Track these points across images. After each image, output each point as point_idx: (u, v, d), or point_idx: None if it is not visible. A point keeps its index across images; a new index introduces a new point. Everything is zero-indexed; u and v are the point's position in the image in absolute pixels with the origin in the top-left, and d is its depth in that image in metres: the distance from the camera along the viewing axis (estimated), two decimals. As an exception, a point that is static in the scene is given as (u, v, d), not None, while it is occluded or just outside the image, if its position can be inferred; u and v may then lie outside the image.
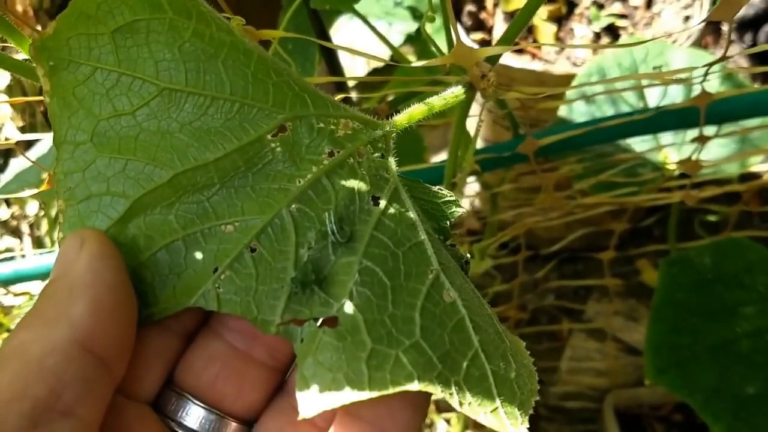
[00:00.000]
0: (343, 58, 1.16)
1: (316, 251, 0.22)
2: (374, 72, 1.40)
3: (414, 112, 0.28)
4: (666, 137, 0.73)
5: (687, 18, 0.95)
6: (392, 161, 0.25)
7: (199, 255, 0.22)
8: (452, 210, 0.26)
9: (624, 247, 1.07)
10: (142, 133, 0.22)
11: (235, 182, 0.22)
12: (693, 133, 0.62)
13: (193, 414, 0.23)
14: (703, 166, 0.59)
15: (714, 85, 0.73)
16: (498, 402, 0.22)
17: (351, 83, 1.02)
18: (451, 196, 0.25)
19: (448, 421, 0.97)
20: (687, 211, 1.09)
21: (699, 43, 0.93)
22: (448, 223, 0.26)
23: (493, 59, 0.35)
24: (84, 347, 0.20)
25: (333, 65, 0.58)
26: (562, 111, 0.79)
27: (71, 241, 0.22)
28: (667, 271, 0.59)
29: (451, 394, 0.21)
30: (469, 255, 0.26)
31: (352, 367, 0.21)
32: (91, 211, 0.22)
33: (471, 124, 0.44)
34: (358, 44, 1.27)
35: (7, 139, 0.42)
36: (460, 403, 0.22)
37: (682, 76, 0.55)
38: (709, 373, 0.55)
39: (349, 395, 0.20)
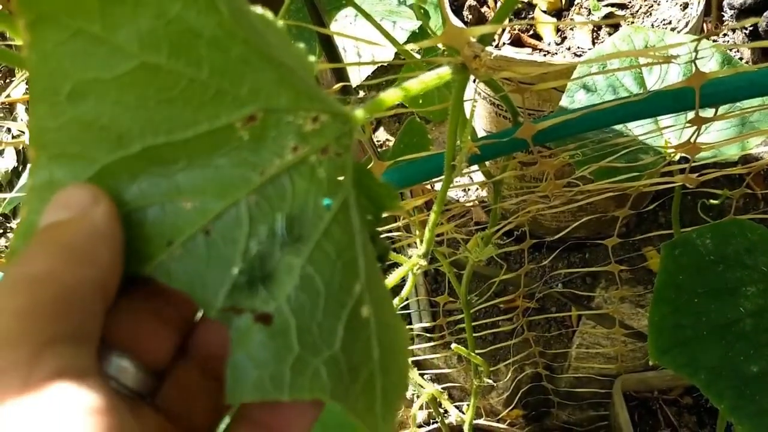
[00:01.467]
0: (348, 57, 1.17)
1: (265, 247, 0.22)
2: (379, 71, 1.40)
3: (386, 97, 0.28)
4: (666, 122, 0.74)
5: (685, 5, 0.95)
6: (350, 159, 0.24)
7: (157, 226, 0.23)
8: (392, 203, 0.26)
9: (631, 234, 1.08)
10: (117, 103, 0.22)
11: (201, 163, 0.22)
12: (691, 116, 0.63)
13: (123, 369, 0.23)
14: (701, 149, 0.60)
15: (712, 68, 0.74)
16: (378, 412, 0.23)
17: (355, 83, 1.03)
18: (395, 192, 0.26)
19: (459, 408, 0.98)
20: (693, 198, 1.10)
21: (699, 32, 0.93)
22: (382, 214, 0.26)
23: (486, 40, 0.36)
24: (102, 293, 0.22)
25: (334, 61, 0.59)
26: (564, 101, 0.80)
27: (83, 191, 0.22)
28: (669, 253, 0.60)
29: (349, 405, 0.23)
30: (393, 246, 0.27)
31: (277, 369, 0.21)
32: (60, 170, 0.22)
33: (476, 118, 0.45)
34: (363, 44, 1.28)
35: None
36: (355, 413, 0.23)
37: (675, 52, 0.55)
38: (713, 353, 0.55)
39: (269, 394, 0.21)
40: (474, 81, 1.03)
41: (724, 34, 1.36)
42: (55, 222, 0.22)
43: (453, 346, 0.83)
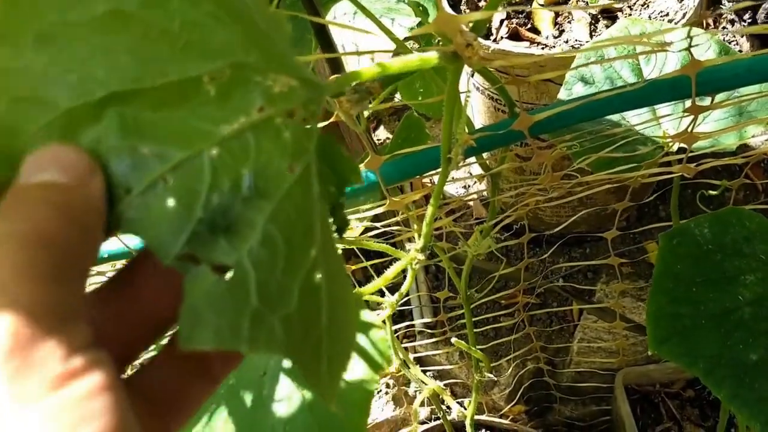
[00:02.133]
0: (349, 60, 1.17)
1: (227, 200, 0.22)
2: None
3: (363, 72, 0.28)
4: (664, 111, 0.74)
5: (683, -4, 0.95)
6: (316, 127, 0.25)
7: (117, 175, 0.22)
8: (354, 177, 0.26)
9: (631, 228, 1.08)
10: (85, 47, 0.22)
11: (166, 114, 0.22)
12: (688, 105, 0.62)
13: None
14: (698, 138, 0.60)
15: (710, 58, 0.74)
16: (324, 376, 0.24)
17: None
18: (357, 167, 0.26)
19: (461, 404, 0.98)
20: (693, 192, 1.09)
21: (697, 23, 0.93)
22: (345, 186, 0.27)
23: (479, 28, 0.36)
24: (86, 269, 0.22)
25: (330, 53, 0.59)
26: (562, 94, 0.80)
27: (81, 157, 0.22)
28: (667, 243, 0.59)
29: (301, 364, 0.23)
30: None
31: (235, 320, 0.21)
32: (19, 112, 0.22)
33: (474, 113, 0.45)
34: (362, 42, 1.28)
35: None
36: (306, 377, 0.23)
37: (670, 40, 0.55)
38: (711, 342, 0.55)
39: (227, 344, 0.21)
40: (472, 75, 1.03)
41: (723, 27, 1.36)
42: (49, 182, 0.21)
43: (453, 340, 0.83)
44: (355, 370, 0.42)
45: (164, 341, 0.26)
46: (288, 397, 0.43)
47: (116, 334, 0.24)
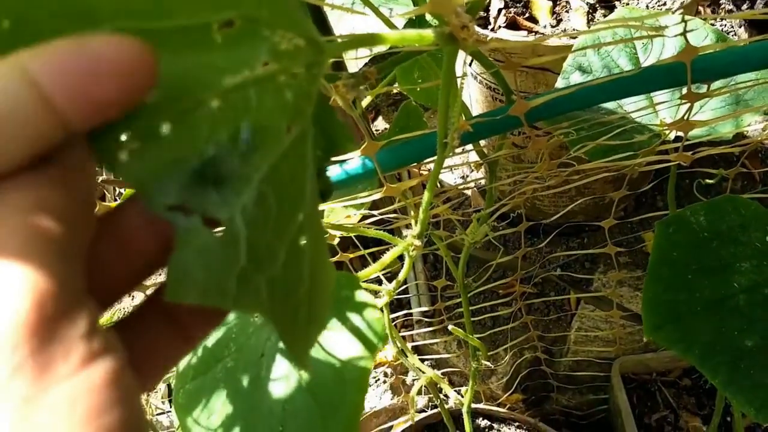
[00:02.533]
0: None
1: (223, 152, 0.22)
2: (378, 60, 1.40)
3: (360, 38, 0.28)
4: (661, 98, 0.74)
5: (682, -15, 0.95)
6: (317, 90, 0.24)
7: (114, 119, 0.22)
8: (346, 144, 0.26)
9: (629, 218, 1.08)
10: None
11: (169, 58, 0.21)
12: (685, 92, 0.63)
13: None
14: (694, 126, 0.60)
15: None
16: (301, 339, 0.24)
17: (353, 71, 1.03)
18: (351, 135, 0.26)
19: (459, 393, 0.98)
20: (691, 181, 1.10)
21: (694, 12, 0.93)
22: (333, 152, 0.26)
23: (474, 10, 0.36)
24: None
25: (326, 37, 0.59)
26: (559, 83, 0.80)
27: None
28: (663, 231, 0.60)
29: (281, 327, 0.23)
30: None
31: (223, 277, 0.21)
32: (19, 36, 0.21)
33: (472, 103, 0.45)
34: (360, 31, 1.28)
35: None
36: (284, 340, 0.23)
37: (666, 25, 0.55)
38: (706, 328, 0.55)
39: (213, 300, 0.21)
40: (470, 64, 1.02)
41: (721, 19, 1.35)
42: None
43: (451, 328, 0.83)
44: (352, 349, 0.42)
45: (149, 292, 0.26)
46: (286, 377, 0.44)
47: (99, 279, 0.24)
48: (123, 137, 0.21)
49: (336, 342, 0.41)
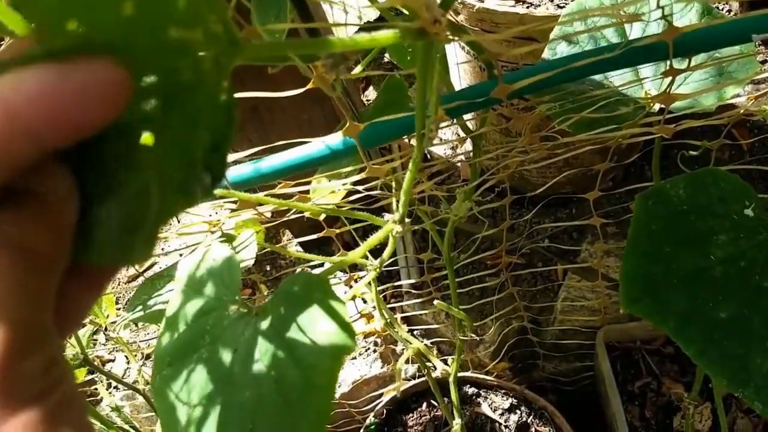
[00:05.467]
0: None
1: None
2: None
3: (302, 43, 0.28)
4: (646, 71, 0.74)
5: (671, -46, 0.94)
6: (215, 81, 0.25)
7: None
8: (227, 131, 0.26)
9: (617, 188, 1.08)
10: None
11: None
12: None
13: None
14: (676, 98, 0.60)
15: (692, 18, 0.74)
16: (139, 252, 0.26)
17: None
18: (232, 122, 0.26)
19: (446, 362, 1.00)
20: (678, 150, 1.10)
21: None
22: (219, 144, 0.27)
23: (447, 3, 0.35)
24: None
25: (307, 20, 0.59)
26: (546, 54, 0.79)
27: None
28: (643, 203, 0.60)
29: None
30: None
31: (129, 238, 0.24)
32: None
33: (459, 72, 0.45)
34: (350, 7, 1.26)
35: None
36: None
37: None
38: (682, 300, 0.56)
39: (119, 259, 0.24)
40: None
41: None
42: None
43: (436, 302, 0.84)
44: (321, 353, 0.41)
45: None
46: (257, 375, 0.43)
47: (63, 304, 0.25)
48: None
49: (305, 346, 0.41)
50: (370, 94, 1.77)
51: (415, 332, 1.30)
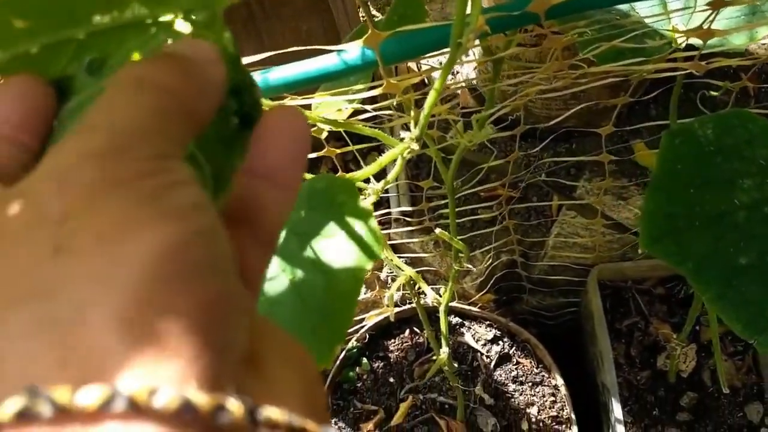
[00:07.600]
0: None
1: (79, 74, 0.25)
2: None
3: None
4: (675, 4, 0.71)
5: None
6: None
7: None
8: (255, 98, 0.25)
9: (621, 126, 1.06)
10: None
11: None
12: (702, 2, 0.59)
13: None
14: (714, 34, 0.57)
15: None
16: None
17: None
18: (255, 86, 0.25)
19: (437, 291, 0.99)
20: (686, 91, 1.08)
21: None
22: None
23: None
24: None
25: None
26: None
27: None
28: (669, 142, 0.58)
29: None
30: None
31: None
32: None
33: None
34: None
35: None
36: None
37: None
38: (703, 243, 0.55)
39: None
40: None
41: None
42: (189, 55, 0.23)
43: (438, 231, 0.83)
44: (347, 257, 0.40)
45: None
46: (276, 277, 0.42)
47: None
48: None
49: (331, 249, 0.40)
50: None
51: (401, 260, 1.29)
